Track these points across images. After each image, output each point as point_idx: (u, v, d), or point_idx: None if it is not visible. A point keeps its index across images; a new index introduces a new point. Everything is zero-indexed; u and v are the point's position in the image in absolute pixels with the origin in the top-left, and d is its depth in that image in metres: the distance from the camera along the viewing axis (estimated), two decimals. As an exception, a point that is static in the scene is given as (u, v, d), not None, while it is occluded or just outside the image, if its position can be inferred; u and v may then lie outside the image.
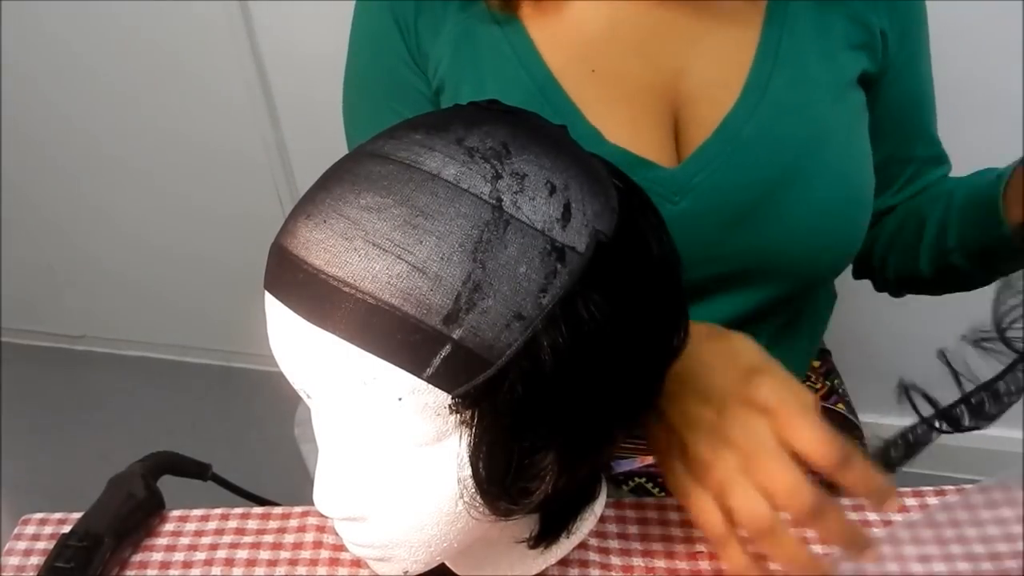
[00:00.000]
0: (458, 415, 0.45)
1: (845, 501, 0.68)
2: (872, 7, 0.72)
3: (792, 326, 0.81)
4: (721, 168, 0.68)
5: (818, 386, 0.92)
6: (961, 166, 0.84)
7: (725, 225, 0.69)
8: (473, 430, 0.45)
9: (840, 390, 0.93)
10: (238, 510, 0.71)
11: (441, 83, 0.72)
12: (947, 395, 0.66)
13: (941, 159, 0.85)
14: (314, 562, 0.67)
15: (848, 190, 0.71)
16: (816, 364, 0.94)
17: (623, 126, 0.69)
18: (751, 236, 0.70)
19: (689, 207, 0.68)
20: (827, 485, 0.51)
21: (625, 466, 0.84)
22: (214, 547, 0.68)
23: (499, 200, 0.44)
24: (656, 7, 0.69)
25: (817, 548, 0.62)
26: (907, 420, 0.59)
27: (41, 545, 0.69)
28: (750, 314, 0.74)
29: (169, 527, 0.70)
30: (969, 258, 0.75)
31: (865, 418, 0.96)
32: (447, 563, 0.59)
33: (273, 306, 0.47)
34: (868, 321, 0.84)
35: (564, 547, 0.60)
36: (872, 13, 0.72)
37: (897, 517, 0.67)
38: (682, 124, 0.70)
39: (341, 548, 0.67)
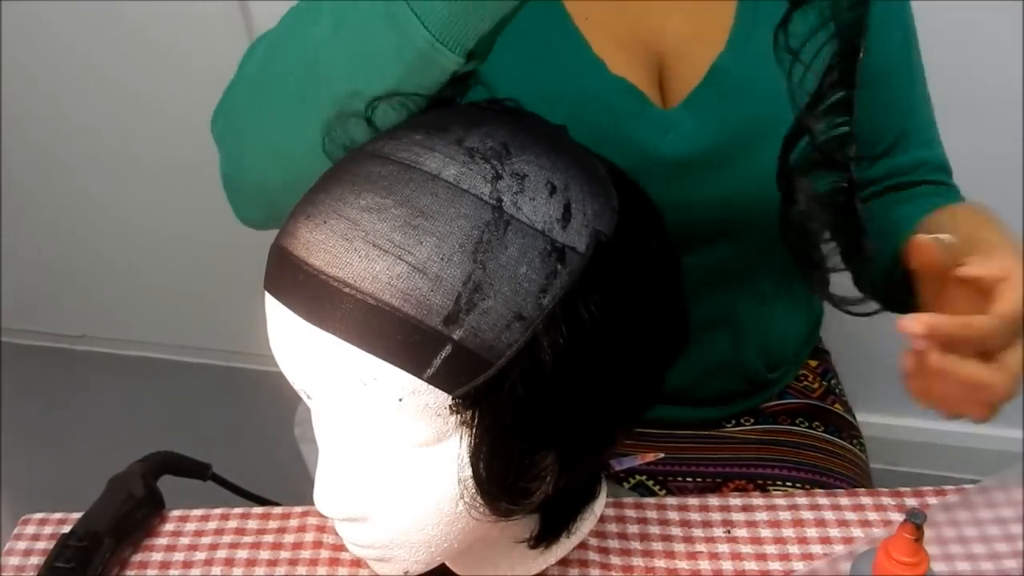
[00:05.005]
0: (458, 416, 0.45)
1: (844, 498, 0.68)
2: None
3: (790, 287, 0.83)
4: (708, 113, 0.71)
5: (815, 386, 0.92)
6: (960, 166, 0.84)
7: (707, 167, 0.72)
8: (473, 430, 0.45)
9: (837, 390, 0.93)
10: (238, 510, 0.71)
11: None
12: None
13: (930, 153, 0.84)
14: (314, 562, 0.67)
15: None
16: (813, 364, 0.93)
17: (622, 65, 0.70)
18: (729, 183, 0.72)
19: (677, 147, 0.70)
20: None
21: (626, 463, 0.83)
22: (214, 547, 0.68)
23: (499, 200, 0.44)
24: None
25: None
26: (906, 420, 0.59)
27: (41, 545, 0.69)
28: (741, 265, 0.77)
29: (169, 527, 0.70)
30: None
31: (864, 418, 0.96)
32: (447, 563, 0.59)
33: (273, 307, 0.47)
34: (868, 321, 0.84)
35: (564, 547, 0.60)
36: None
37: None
38: (665, 81, 0.72)
39: (341, 548, 0.67)
